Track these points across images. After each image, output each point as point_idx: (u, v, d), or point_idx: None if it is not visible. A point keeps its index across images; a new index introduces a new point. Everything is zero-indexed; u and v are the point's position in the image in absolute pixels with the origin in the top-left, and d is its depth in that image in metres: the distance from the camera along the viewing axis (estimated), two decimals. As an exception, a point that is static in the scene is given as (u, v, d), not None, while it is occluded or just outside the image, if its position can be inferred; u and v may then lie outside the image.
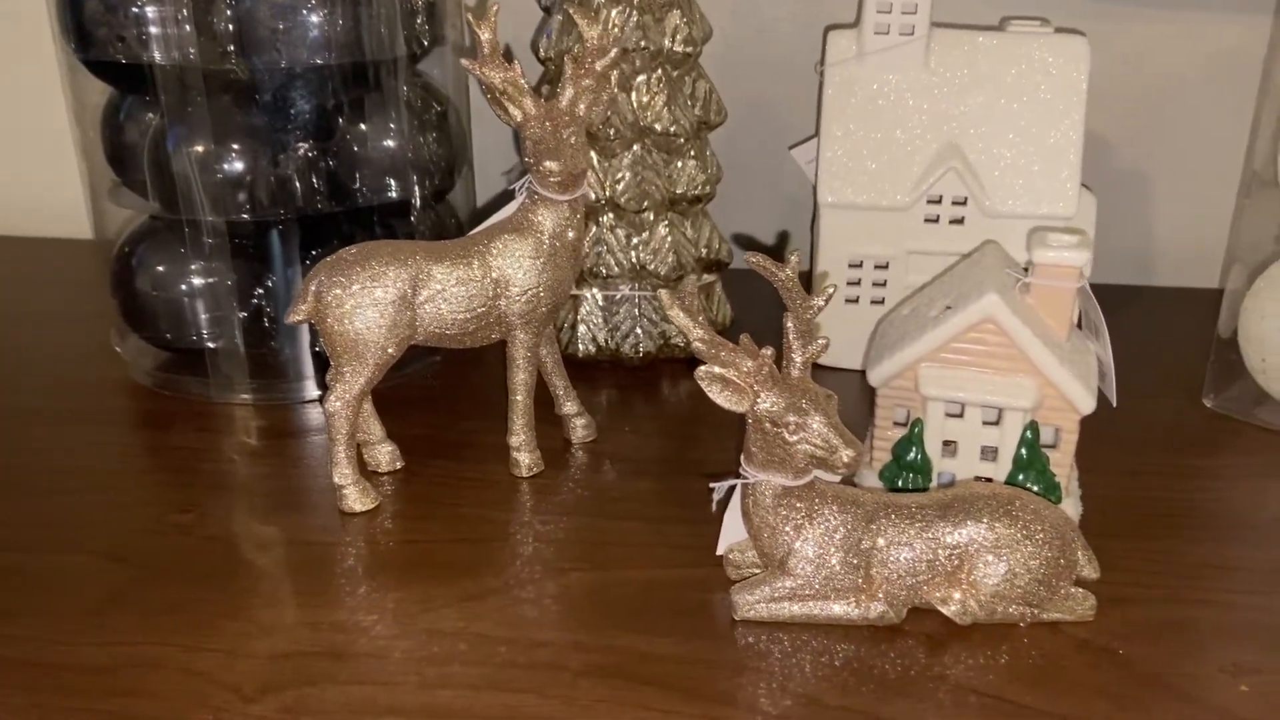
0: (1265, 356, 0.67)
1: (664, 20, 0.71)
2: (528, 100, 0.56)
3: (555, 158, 0.56)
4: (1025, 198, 0.71)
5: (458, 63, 0.81)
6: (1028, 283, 0.57)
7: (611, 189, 0.74)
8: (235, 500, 0.62)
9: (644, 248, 0.75)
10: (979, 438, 0.58)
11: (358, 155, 0.73)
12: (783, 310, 0.50)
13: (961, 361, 0.57)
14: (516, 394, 0.62)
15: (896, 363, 0.58)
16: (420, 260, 0.57)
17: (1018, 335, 0.55)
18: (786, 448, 0.48)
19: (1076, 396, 0.55)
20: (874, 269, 0.75)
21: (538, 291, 0.59)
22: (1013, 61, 0.71)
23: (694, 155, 0.75)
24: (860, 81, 0.73)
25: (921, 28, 0.71)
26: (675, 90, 0.73)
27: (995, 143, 0.71)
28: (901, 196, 0.72)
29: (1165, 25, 0.88)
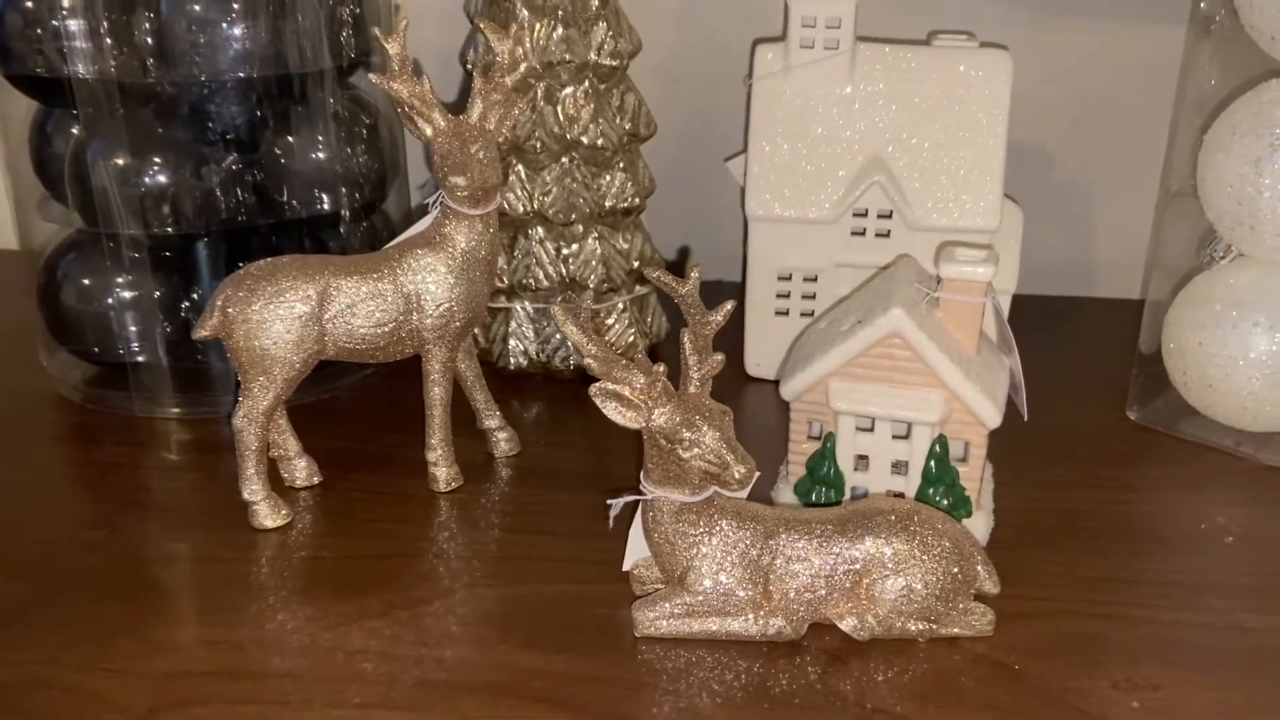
0: (1186, 370, 0.68)
1: (590, 33, 0.72)
2: (436, 115, 0.56)
3: (462, 173, 0.56)
4: (949, 211, 0.71)
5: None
6: (936, 297, 0.57)
7: (539, 202, 0.74)
8: (148, 516, 0.61)
9: (573, 260, 0.75)
10: (889, 452, 0.58)
11: (284, 168, 0.73)
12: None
13: (870, 376, 0.57)
14: (433, 409, 0.62)
15: (808, 376, 0.58)
16: (329, 275, 0.57)
17: (923, 350, 0.55)
18: (681, 464, 0.48)
19: (983, 411, 0.56)
20: (803, 281, 0.76)
21: (451, 306, 0.59)
22: (937, 75, 0.72)
23: (623, 168, 0.75)
24: (787, 95, 0.73)
25: (846, 42, 0.72)
26: (603, 103, 0.73)
27: (919, 156, 0.72)
28: (828, 210, 0.73)
29: (1094, 36, 0.89)
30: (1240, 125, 0.62)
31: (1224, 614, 0.53)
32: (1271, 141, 0.60)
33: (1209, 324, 0.65)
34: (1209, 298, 0.66)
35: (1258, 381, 0.64)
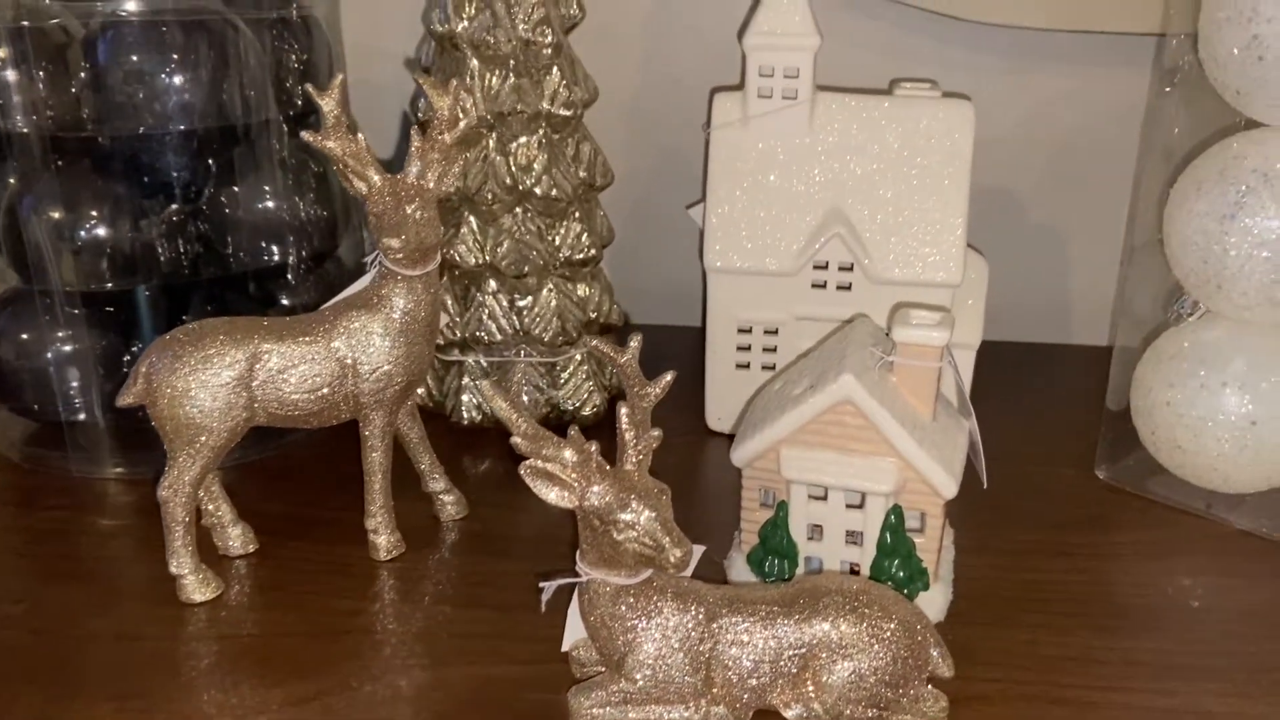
0: (1154, 430, 0.66)
1: (543, 83, 0.70)
2: (372, 173, 0.54)
3: (397, 234, 0.54)
4: (911, 264, 0.69)
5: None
6: (890, 361, 0.55)
7: (492, 254, 0.72)
8: (75, 588, 0.59)
9: (527, 313, 0.73)
10: (843, 521, 0.56)
11: (229, 218, 0.71)
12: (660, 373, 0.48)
13: (822, 443, 0.55)
14: (372, 476, 0.60)
15: (759, 443, 0.56)
16: (259, 339, 0.55)
17: (875, 417, 0.53)
18: (615, 546, 0.45)
19: (937, 481, 0.54)
20: (764, 334, 0.74)
21: (388, 370, 0.57)
22: (897, 126, 0.70)
23: (579, 218, 0.73)
24: (746, 145, 0.72)
25: (805, 92, 0.70)
26: (557, 153, 0.71)
27: (881, 208, 0.70)
28: (788, 262, 0.71)
29: (1065, 80, 0.87)
30: (1206, 181, 0.60)
31: (1188, 697, 0.50)
32: (1237, 199, 0.58)
33: (1176, 384, 0.64)
34: (1177, 356, 0.64)
35: (1227, 444, 0.62)
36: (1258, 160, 0.58)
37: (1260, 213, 0.57)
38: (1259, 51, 0.55)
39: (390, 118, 0.88)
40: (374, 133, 0.88)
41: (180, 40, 0.65)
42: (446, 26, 0.68)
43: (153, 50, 0.65)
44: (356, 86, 0.81)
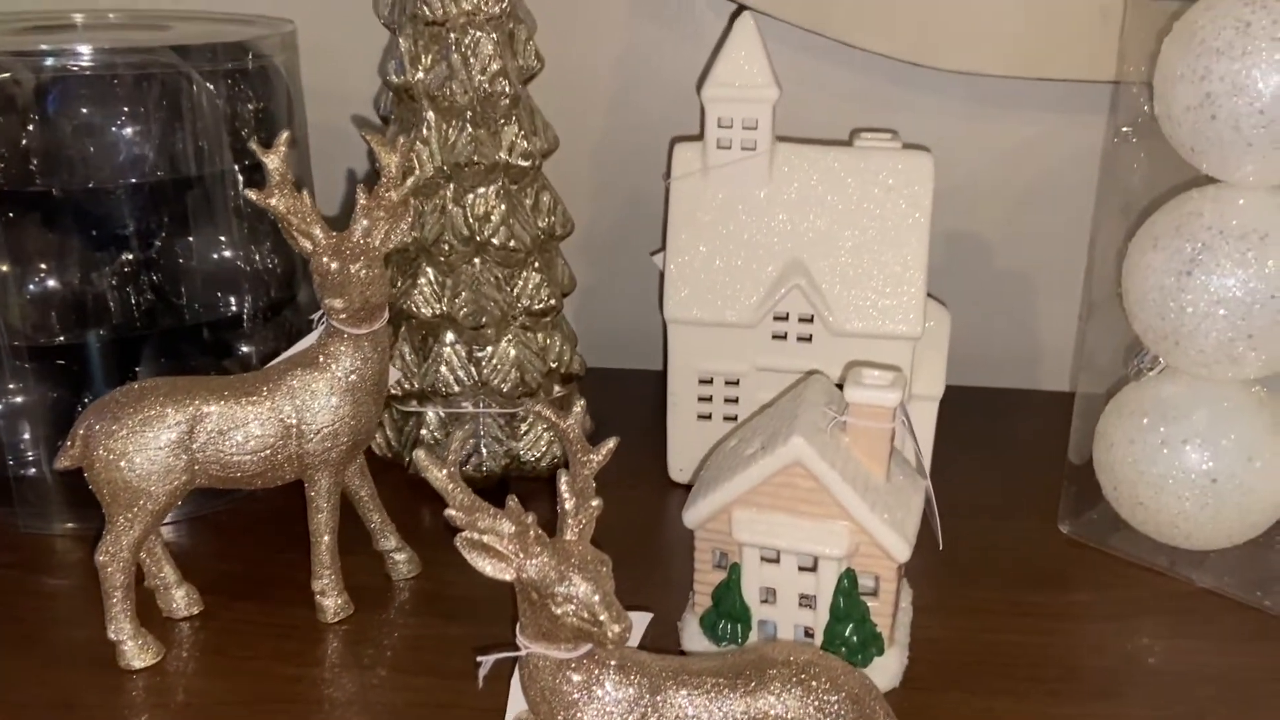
0: (1116, 485, 0.65)
1: (500, 134, 0.69)
2: (316, 231, 0.54)
3: (340, 294, 0.53)
4: (871, 316, 0.69)
5: (301, 167, 0.79)
6: (843, 421, 0.55)
7: (449, 305, 0.71)
8: (11, 653, 0.57)
9: (486, 364, 0.72)
10: (796, 585, 0.55)
11: (183, 270, 0.70)
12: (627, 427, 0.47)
13: (774, 505, 0.54)
14: (319, 537, 0.59)
15: (710, 505, 0.55)
16: (199, 400, 0.54)
17: (826, 480, 0.52)
18: (553, 620, 0.44)
19: (890, 544, 0.53)
20: (725, 385, 0.73)
21: (334, 430, 0.56)
22: (857, 178, 0.70)
23: (539, 268, 0.73)
24: (706, 195, 0.71)
25: (764, 143, 0.70)
26: (515, 203, 0.71)
27: (840, 260, 0.69)
28: (748, 313, 0.70)
29: (1030, 126, 0.87)
30: (1162, 236, 0.60)
31: (1145, 768, 0.49)
32: (1193, 255, 0.58)
33: (1137, 439, 0.63)
34: (1137, 411, 0.63)
35: (1188, 501, 0.61)
36: (1213, 217, 0.58)
37: (1216, 270, 0.57)
38: (1211, 110, 0.55)
39: (356, 163, 0.88)
40: (337, 179, 0.89)
41: (132, 93, 0.65)
42: (402, 78, 0.68)
43: (104, 103, 0.64)
44: (319, 131, 0.81)
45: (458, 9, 0.66)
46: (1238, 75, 0.53)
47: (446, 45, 0.67)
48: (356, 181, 0.68)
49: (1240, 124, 0.54)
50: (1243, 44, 0.53)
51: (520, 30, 0.69)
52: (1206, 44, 0.55)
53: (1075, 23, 0.79)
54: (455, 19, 0.66)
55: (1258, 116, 0.54)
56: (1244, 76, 0.53)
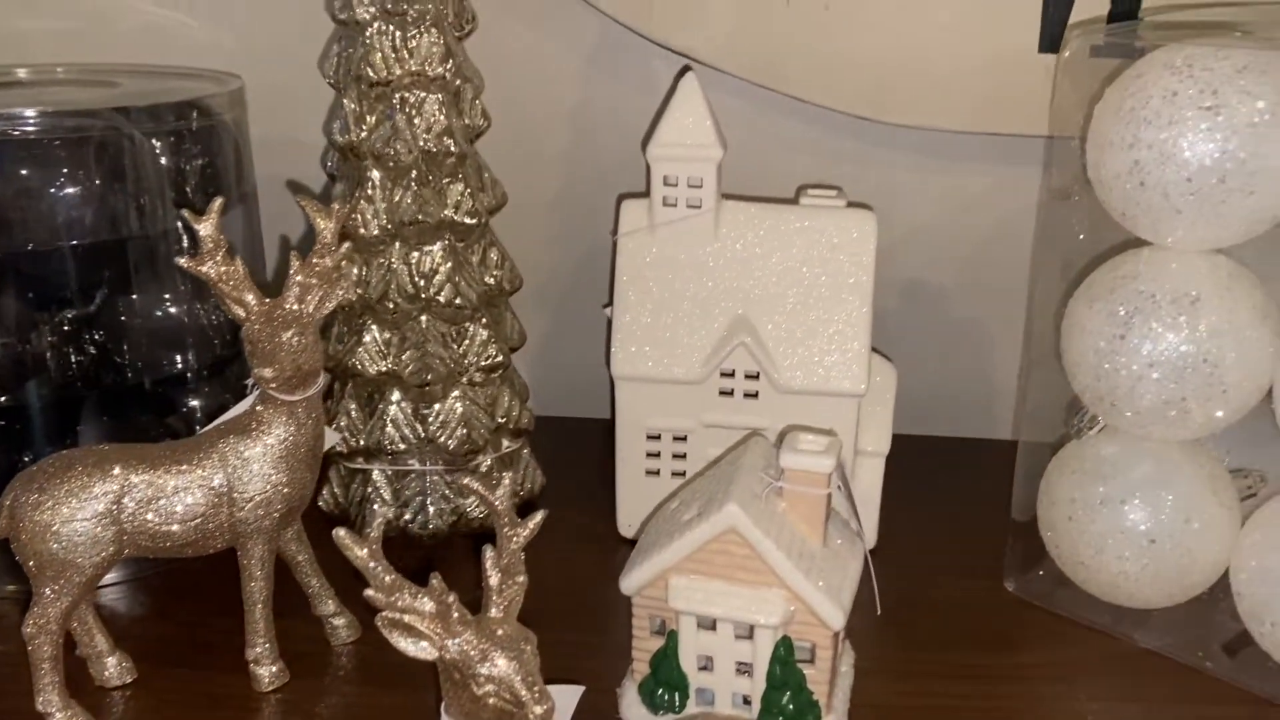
0: (1058, 544, 0.65)
1: (446, 192, 0.69)
2: (249, 298, 0.53)
3: (270, 363, 0.53)
4: (815, 374, 0.69)
5: (250, 221, 0.79)
6: (779, 487, 0.55)
7: (395, 362, 0.71)
8: (-65, 727, 0.56)
9: (433, 421, 0.72)
10: (733, 652, 0.54)
11: (125, 328, 0.70)
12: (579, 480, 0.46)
13: (710, 572, 0.54)
14: (253, 605, 0.58)
15: (646, 571, 0.55)
16: (128, 469, 0.53)
17: (761, 548, 0.52)
18: (474, 700, 0.44)
19: (825, 612, 0.52)
20: (673, 441, 0.73)
21: (267, 498, 0.56)
22: (801, 235, 0.70)
23: (486, 324, 0.72)
24: (653, 252, 0.71)
25: (709, 201, 0.70)
26: (461, 260, 0.71)
27: (785, 317, 0.70)
28: (694, 370, 0.70)
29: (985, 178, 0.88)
30: (1097, 299, 0.60)
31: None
32: (1126, 318, 0.58)
33: (1077, 498, 0.63)
34: (1078, 470, 0.64)
35: (1128, 561, 0.61)
36: (1146, 280, 0.58)
37: (1149, 333, 0.57)
38: (1140, 177, 0.56)
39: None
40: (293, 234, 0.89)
41: (74, 155, 0.65)
42: (346, 137, 0.68)
43: (45, 166, 0.64)
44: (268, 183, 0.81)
45: (402, 70, 0.66)
46: (1165, 144, 0.54)
47: (391, 105, 0.67)
48: (290, 248, 0.67)
49: (1169, 192, 0.55)
50: (1170, 113, 0.54)
51: (467, 89, 0.70)
52: (1135, 112, 0.55)
53: (1024, 79, 0.80)
54: (400, 80, 0.66)
55: (1185, 184, 0.54)
56: (1171, 145, 0.54)
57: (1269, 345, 0.57)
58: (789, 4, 0.81)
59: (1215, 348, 0.56)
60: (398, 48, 0.66)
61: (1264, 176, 0.53)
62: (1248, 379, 0.57)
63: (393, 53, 0.66)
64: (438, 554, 0.74)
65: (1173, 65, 0.55)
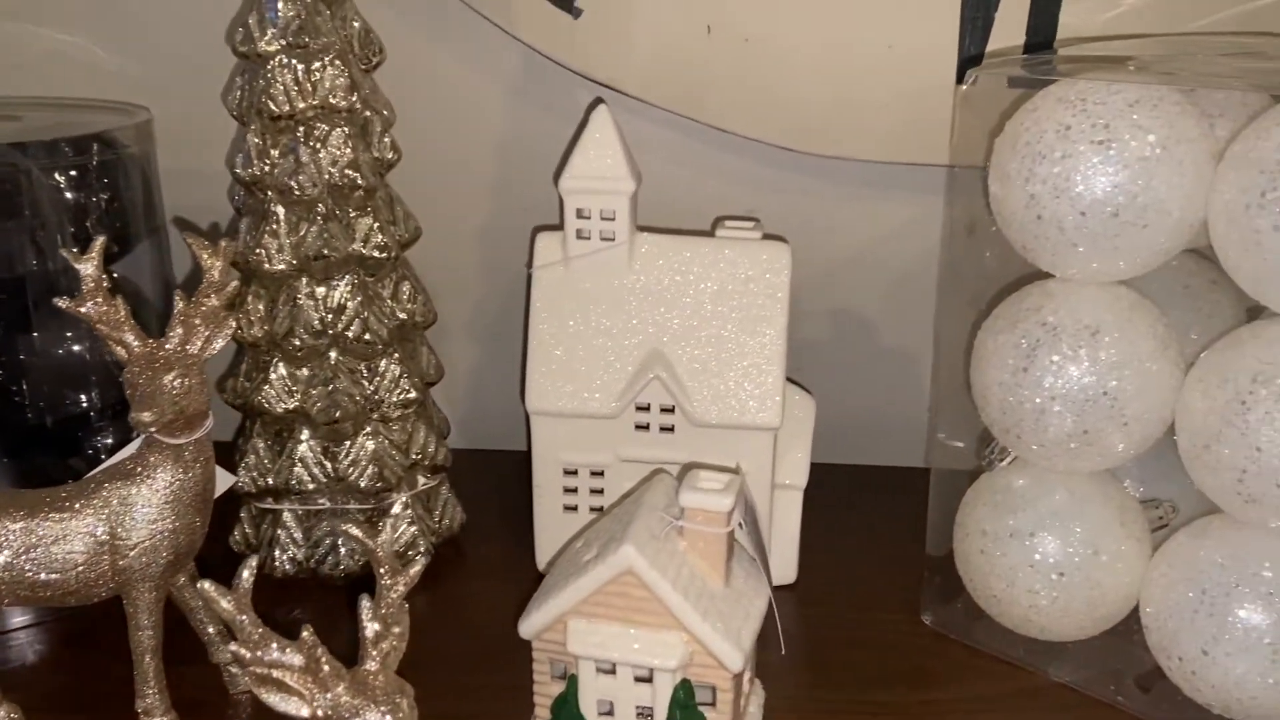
0: (971, 577, 0.65)
1: (354, 226, 0.68)
2: (130, 338, 0.52)
3: (149, 407, 0.51)
4: (730, 407, 0.68)
5: (161, 256, 0.77)
6: (679, 526, 0.54)
7: (303, 399, 0.69)
8: None
9: (343, 459, 0.70)
10: (633, 696, 0.53)
11: (24, 367, 0.68)
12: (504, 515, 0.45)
13: (608, 615, 0.52)
14: (141, 655, 0.56)
15: (545, 615, 0.53)
16: (4, 516, 0.51)
17: (658, 589, 0.51)
18: (349, 756, 0.42)
19: (723, 654, 0.51)
20: (590, 476, 0.72)
21: (153, 546, 0.54)
22: (716, 268, 0.70)
23: (399, 360, 0.71)
24: (568, 285, 0.71)
25: (623, 234, 0.70)
26: (371, 295, 0.70)
27: (699, 350, 0.69)
28: (609, 404, 0.69)
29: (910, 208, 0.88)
30: (1002, 331, 0.60)
31: None
32: (1029, 350, 0.58)
33: (989, 530, 0.63)
34: (989, 502, 0.63)
35: (1038, 594, 0.61)
36: (1048, 313, 0.58)
37: (1050, 366, 0.57)
38: (1037, 210, 0.56)
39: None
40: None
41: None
42: (250, 171, 0.67)
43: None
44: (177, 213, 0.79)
45: (305, 103, 0.65)
46: (1059, 179, 0.54)
47: (295, 138, 0.66)
48: (173, 288, 0.66)
49: (1064, 225, 0.55)
50: (1063, 147, 0.54)
51: (376, 122, 0.69)
52: (1030, 146, 0.55)
53: (943, 110, 0.80)
54: (303, 113, 0.65)
55: (1079, 218, 0.54)
56: (1064, 179, 0.54)
57: (1170, 377, 0.57)
58: (710, 34, 0.81)
59: (1116, 380, 0.56)
60: (300, 80, 0.65)
61: (1156, 210, 0.53)
62: (1150, 410, 0.57)
63: (295, 86, 0.65)
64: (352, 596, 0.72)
65: (1066, 99, 0.55)
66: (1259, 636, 0.53)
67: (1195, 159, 0.53)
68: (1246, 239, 0.50)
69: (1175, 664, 0.57)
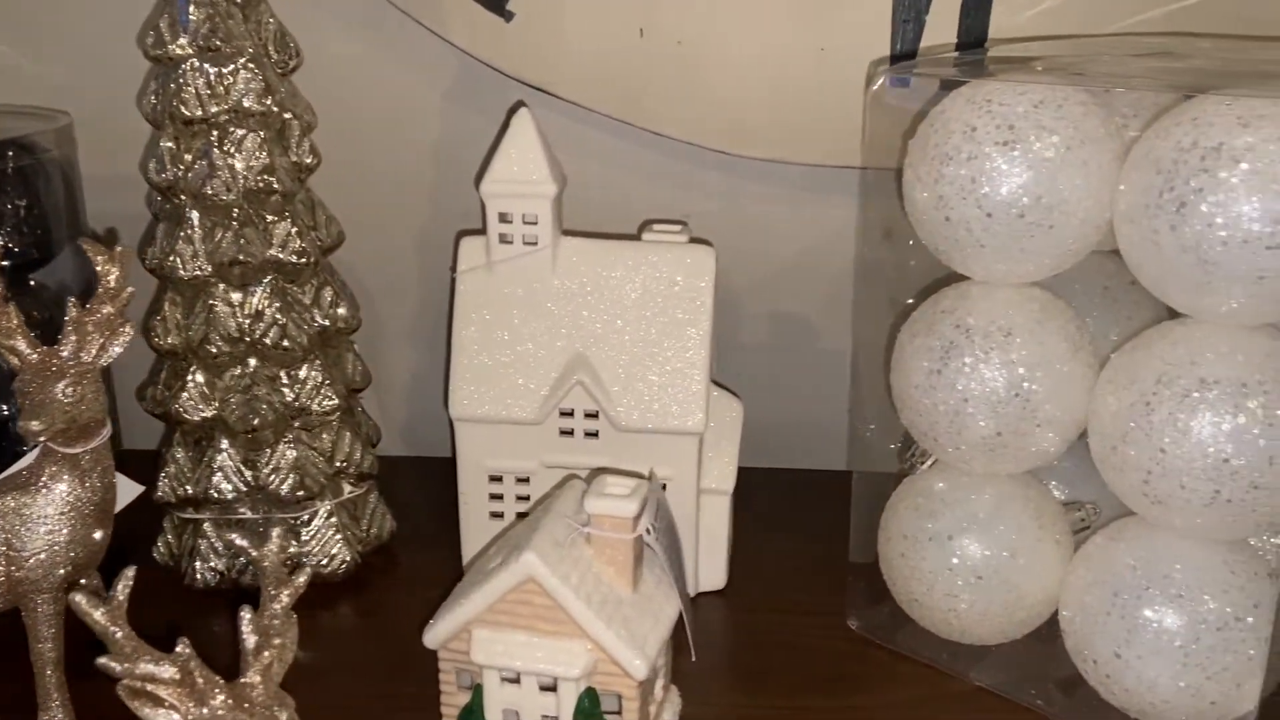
0: (894, 581, 0.64)
1: (271, 231, 0.67)
2: (21, 345, 0.51)
3: (38, 415, 0.50)
4: (654, 412, 0.68)
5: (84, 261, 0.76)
6: (585, 532, 0.53)
7: (221, 407, 0.68)
8: None
9: (264, 467, 0.69)
10: (539, 706, 0.53)
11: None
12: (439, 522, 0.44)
13: (512, 624, 0.52)
14: (42, 668, 0.55)
15: (449, 624, 0.53)
16: (-111, 530, 0.51)
17: (560, 596, 0.51)
18: (228, 771, 0.41)
19: (626, 662, 0.51)
20: (515, 482, 0.71)
21: (50, 557, 0.53)
22: (640, 272, 0.69)
23: (320, 366, 0.70)
24: (491, 290, 0.70)
25: (546, 238, 0.69)
26: (290, 301, 0.69)
27: (623, 354, 0.68)
28: (533, 409, 0.69)
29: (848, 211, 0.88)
30: (918, 334, 0.60)
31: None
32: (943, 353, 0.58)
33: (909, 534, 0.62)
34: (910, 506, 0.63)
35: (958, 598, 0.61)
36: (961, 315, 0.58)
37: (962, 369, 0.57)
38: (945, 212, 0.55)
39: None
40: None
41: None
42: (163, 176, 0.66)
43: None
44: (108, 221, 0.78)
45: (218, 107, 0.64)
46: (965, 180, 0.54)
47: (208, 143, 0.65)
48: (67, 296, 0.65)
49: (971, 227, 0.55)
50: (969, 149, 0.54)
51: (294, 126, 0.68)
52: (939, 148, 0.55)
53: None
54: (216, 117, 0.65)
55: (986, 220, 0.54)
56: (970, 182, 0.54)
57: (1083, 379, 0.57)
58: (642, 38, 0.81)
59: (1028, 381, 0.56)
60: (212, 84, 0.64)
61: (1062, 211, 0.53)
62: (1064, 412, 0.57)
63: (207, 89, 0.64)
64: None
65: (974, 100, 0.55)
66: (1169, 639, 0.53)
67: (1100, 160, 0.53)
68: (1146, 239, 0.50)
69: (1091, 667, 0.57)
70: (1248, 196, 0.46)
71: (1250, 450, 0.49)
